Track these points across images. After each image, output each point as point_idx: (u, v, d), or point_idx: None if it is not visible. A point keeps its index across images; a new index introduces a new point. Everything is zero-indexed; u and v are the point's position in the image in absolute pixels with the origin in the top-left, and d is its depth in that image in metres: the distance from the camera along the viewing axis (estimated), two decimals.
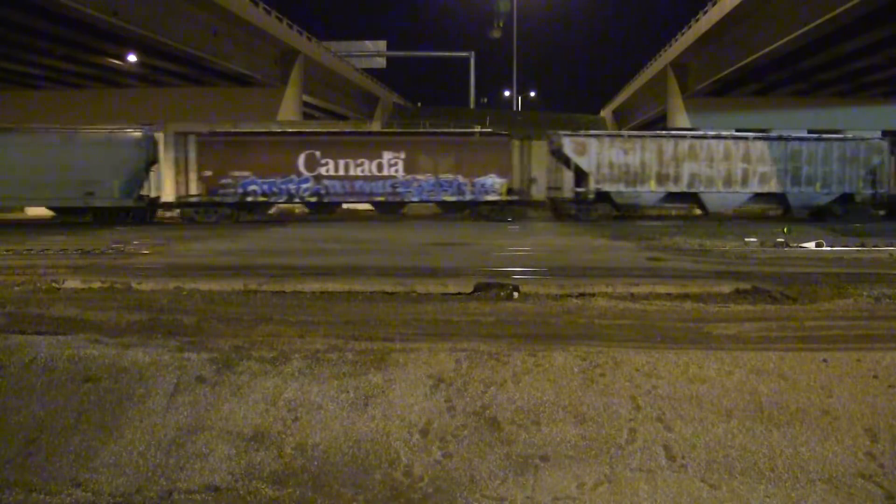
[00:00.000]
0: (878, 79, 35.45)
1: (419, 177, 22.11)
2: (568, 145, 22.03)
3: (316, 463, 4.23)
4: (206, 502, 4.00)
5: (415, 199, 22.42)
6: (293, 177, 21.89)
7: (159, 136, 22.61)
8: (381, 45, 62.53)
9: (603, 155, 22.00)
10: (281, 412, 4.60)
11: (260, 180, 21.79)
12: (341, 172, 21.94)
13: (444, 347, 5.23)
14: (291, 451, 4.32)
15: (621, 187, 22.09)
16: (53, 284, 8.21)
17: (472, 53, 63.60)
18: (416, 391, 4.72)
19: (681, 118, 39.73)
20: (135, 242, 14.05)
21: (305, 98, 38.75)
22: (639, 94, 50.33)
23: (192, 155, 21.56)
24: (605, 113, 63.15)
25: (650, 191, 22.25)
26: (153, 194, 22.23)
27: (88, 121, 25.63)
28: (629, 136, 23.37)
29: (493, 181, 22.19)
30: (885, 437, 4.29)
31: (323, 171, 21.90)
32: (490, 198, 22.26)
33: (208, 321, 6.33)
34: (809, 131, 24.27)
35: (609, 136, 23.31)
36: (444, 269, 9.67)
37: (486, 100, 73.54)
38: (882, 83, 36.56)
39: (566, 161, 22.49)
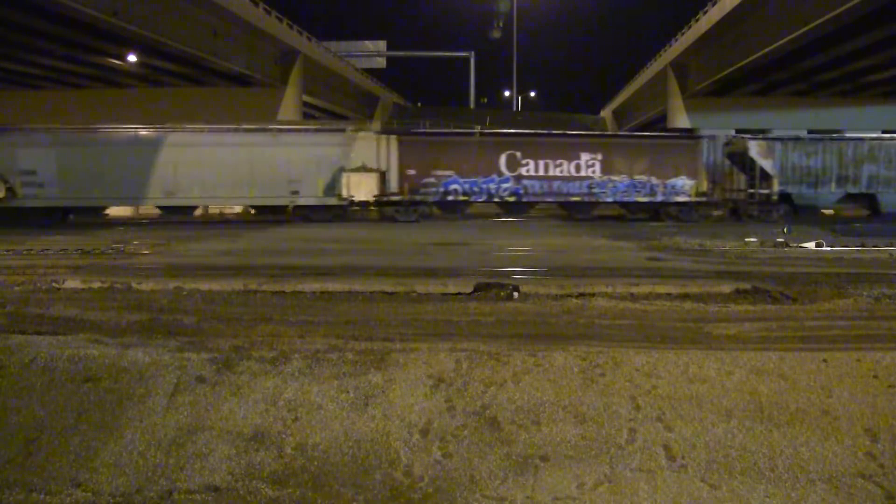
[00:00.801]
0: (878, 79, 35.44)
1: (615, 178, 22.79)
2: (754, 148, 22.53)
3: (316, 463, 4.23)
4: (206, 502, 4.00)
5: (609, 199, 23.05)
6: (494, 176, 22.55)
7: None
8: (381, 45, 62.55)
9: (787, 158, 22.62)
10: (281, 412, 4.60)
11: (461, 180, 22.43)
12: (541, 172, 22.60)
13: (444, 347, 5.23)
14: (291, 451, 4.32)
15: (803, 189, 22.79)
16: (53, 284, 8.21)
17: (472, 53, 63.69)
18: (416, 391, 4.72)
19: (681, 118, 39.74)
20: (135, 242, 14.06)
21: (305, 98, 38.75)
22: (639, 94, 50.32)
23: (394, 155, 22.07)
24: (605, 113, 63.14)
25: (830, 192, 22.97)
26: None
27: (88, 121, 25.59)
28: (811, 140, 23.89)
29: (684, 182, 22.84)
30: (885, 437, 4.29)
31: (523, 171, 22.55)
32: (680, 199, 22.86)
33: (208, 321, 6.33)
34: (810, 132, 24.32)
35: (792, 139, 23.82)
36: (444, 269, 9.67)
37: (486, 100, 73.62)
38: (882, 83, 36.54)
39: (743, 163, 22.82)
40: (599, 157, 22.59)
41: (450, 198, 22.40)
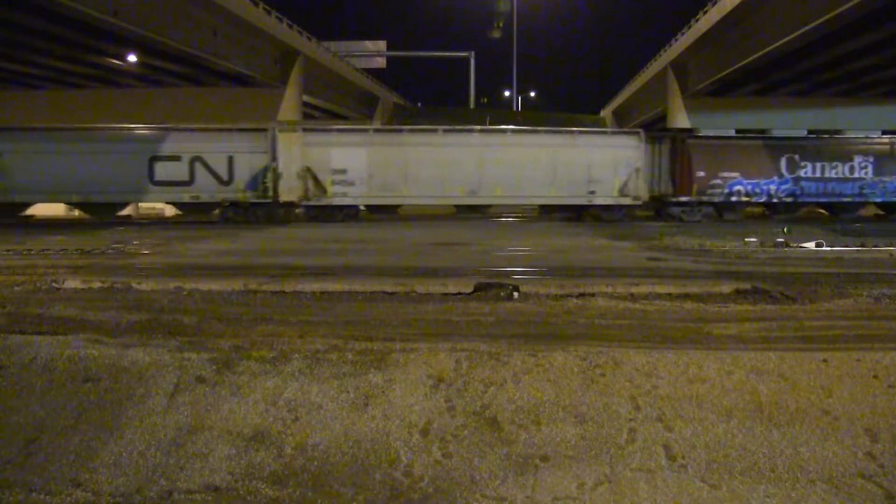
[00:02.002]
0: (878, 79, 35.44)
1: (885, 179, 23.51)
2: None
3: (316, 463, 4.23)
4: (206, 502, 4.00)
5: (878, 199, 23.81)
6: (774, 178, 23.34)
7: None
8: (381, 45, 62.54)
9: None
10: (281, 412, 4.60)
11: (745, 181, 23.16)
12: (817, 174, 23.39)
13: (444, 347, 5.23)
14: (291, 451, 4.32)
15: None
16: (53, 284, 8.21)
17: (472, 53, 63.61)
18: (416, 391, 4.72)
19: (681, 118, 39.72)
20: (135, 242, 14.06)
21: (305, 98, 38.76)
22: (639, 94, 50.33)
23: (666, 157, 23.07)
24: (605, 113, 63.15)
25: None
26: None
27: (89, 121, 25.62)
28: None
29: None
30: (885, 437, 4.29)
31: (801, 173, 23.33)
32: None
33: (208, 321, 6.33)
34: (810, 131, 24.34)
35: None
36: (444, 269, 9.67)
37: (486, 100, 73.51)
38: (882, 83, 36.55)
39: None
40: (871, 159, 23.43)
41: (733, 199, 23.20)
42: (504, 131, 24.21)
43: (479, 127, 24.53)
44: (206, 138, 22.02)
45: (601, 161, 22.47)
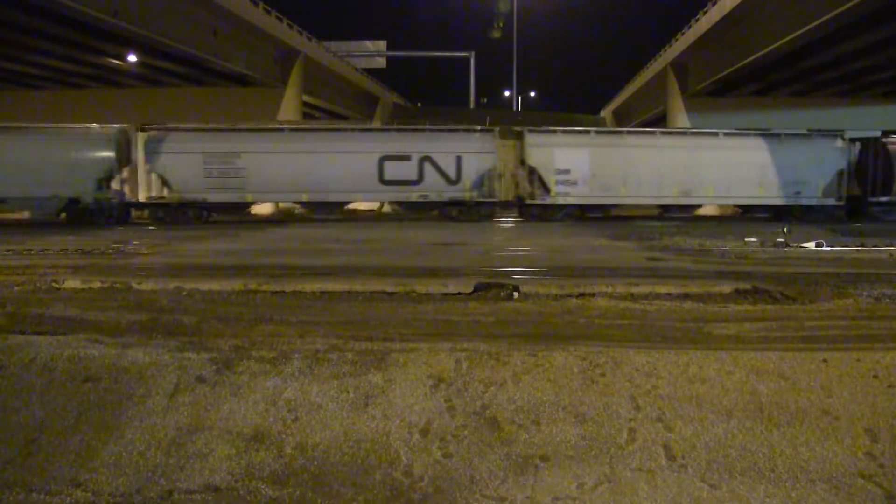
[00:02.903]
0: (878, 79, 35.40)
1: None
2: None
3: (316, 463, 4.23)
4: (206, 502, 4.00)
5: None
6: None
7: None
8: (381, 45, 62.46)
9: None
10: (281, 412, 4.60)
11: None
12: None
13: (444, 347, 5.23)
14: (291, 451, 4.32)
15: None
16: (53, 284, 8.20)
17: (472, 53, 63.58)
18: (416, 391, 4.72)
19: (681, 118, 39.68)
20: (135, 242, 14.05)
21: (305, 98, 38.73)
22: (639, 94, 50.30)
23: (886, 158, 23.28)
24: (606, 113, 63.12)
25: None
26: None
27: (88, 121, 25.58)
28: None
29: None
30: (885, 437, 4.29)
31: None
32: None
33: (208, 321, 6.33)
34: (809, 131, 24.37)
35: None
36: (444, 269, 9.67)
37: (486, 100, 73.51)
38: (882, 83, 36.51)
39: None
40: None
41: None
42: (716, 133, 24.34)
43: (692, 129, 25.61)
44: (435, 138, 22.62)
45: (806, 163, 23.02)
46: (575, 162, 22.45)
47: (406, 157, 22.04)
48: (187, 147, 22.01)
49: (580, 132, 24.26)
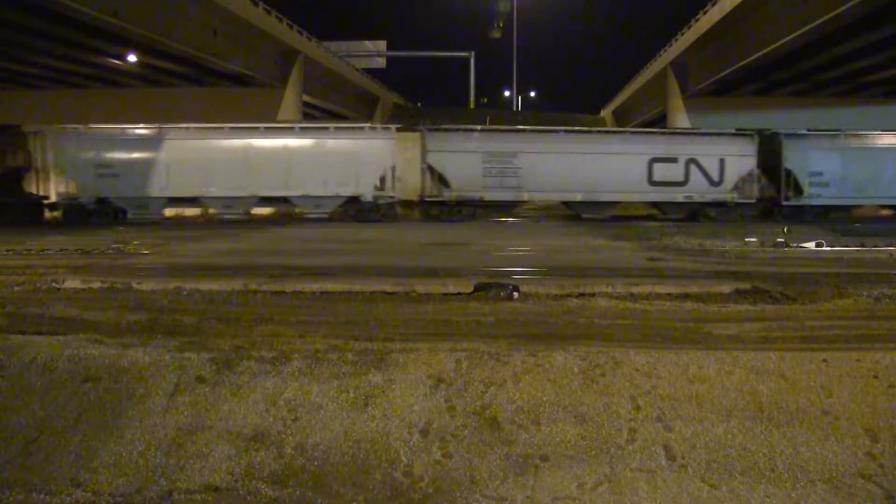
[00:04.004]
0: (878, 79, 35.44)
1: None
2: None
3: (316, 463, 4.23)
4: (206, 502, 4.00)
5: None
6: None
7: None
8: (381, 45, 62.49)
9: None
10: (281, 412, 4.60)
11: None
12: None
13: (444, 347, 5.23)
14: (291, 451, 4.32)
15: None
16: (53, 284, 8.21)
17: (472, 53, 63.60)
18: (416, 391, 4.72)
19: (681, 118, 39.75)
20: (135, 242, 14.05)
21: (305, 98, 38.78)
22: (639, 94, 50.35)
23: None
24: (605, 113, 63.18)
25: None
26: None
27: (89, 121, 25.60)
28: None
29: None
30: (885, 437, 4.29)
31: None
32: None
33: (208, 321, 6.33)
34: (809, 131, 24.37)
35: None
36: (444, 269, 9.67)
37: (486, 100, 73.48)
38: (882, 83, 36.55)
39: None
40: None
41: None
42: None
43: None
44: (700, 141, 23.18)
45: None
46: (827, 165, 22.87)
47: (673, 160, 22.51)
48: (467, 147, 22.36)
49: (830, 135, 24.19)
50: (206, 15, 27.86)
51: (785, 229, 15.64)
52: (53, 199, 21.63)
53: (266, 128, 22.83)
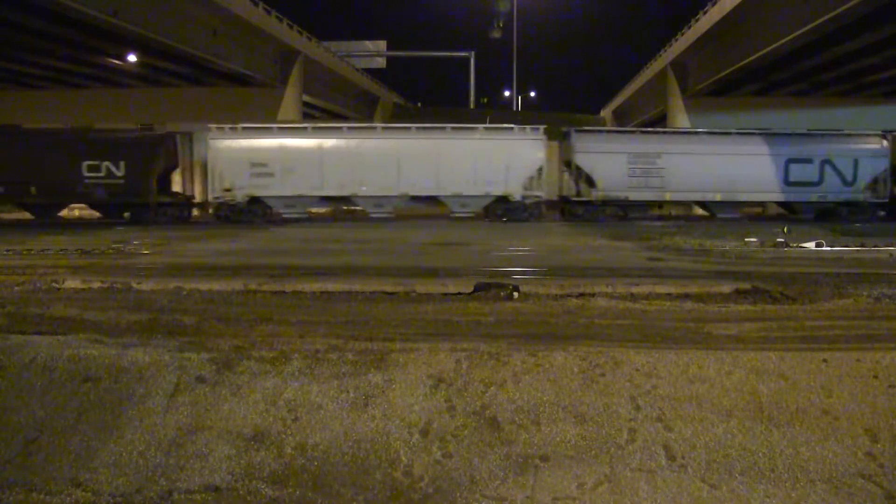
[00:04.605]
0: (878, 79, 35.40)
1: None
2: None
3: (316, 463, 4.23)
4: (206, 502, 4.00)
5: None
6: None
7: None
8: (381, 45, 62.45)
9: None
10: (281, 412, 4.60)
11: None
12: None
13: (444, 347, 5.23)
14: (291, 451, 4.32)
15: None
16: (53, 284, 8.21)
17: (472, 53, 63.59)
18: (416, 391, 4.72)
19: (681, 118, 39.70)
20: (134, 242, 14.05)
21: (305, 98, 38.75)
22: (639, 94, 50.31)
23: None
24: (605, 113, 63.13)
25: None
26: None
27: (89, 121, 25.61)
28: None
29: None
30: (885, 437, 4.29)
31: None
32: None
33: (208, 321, 6.33)
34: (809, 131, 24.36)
35: None
36: (444, 269, 9.67)
37: (486, 100, 73.45)
38: (882, 83, 36.51)
39: None
40: None
41: None
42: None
43: None
44: (834, 141, 23.28)
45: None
46: None
47: (809, 160, 22.66)
48: (614, 148, 22.69)
49: None
50: (206, 15, 27.84)
51: (785, 229, 15.64)
52: (200, 198, 21.98)
53: (417, 128, 23.11)
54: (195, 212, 22.60)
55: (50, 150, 20.98)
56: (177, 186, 22.16)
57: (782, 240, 13.67)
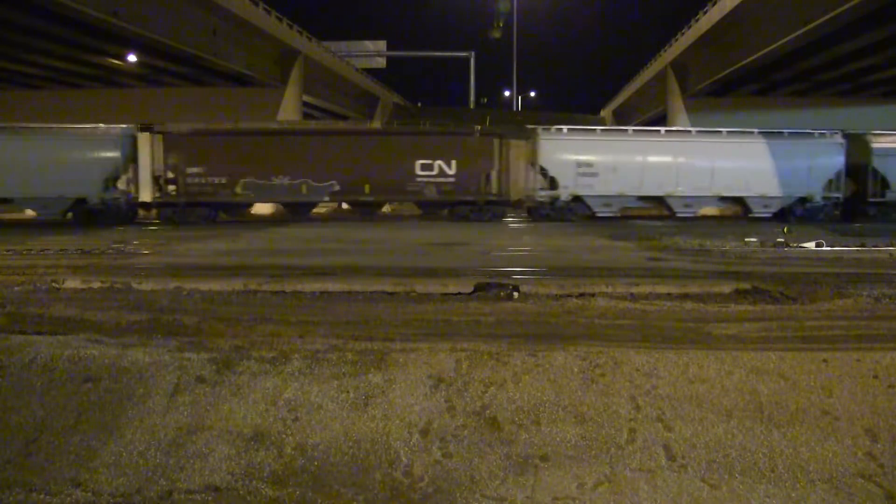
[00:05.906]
0: (878, 79, 35.42)
1: None
2: None
3: (316, 463, 4.23)
4: (206, 502, 4.00)
5: None
6: None
7: None
8: (381, 45, 62.46)
9: None
10: (281, 412, 4.60)
11: None
12: None
13: (444, 347, 5.23)
14: (291, 451, 4.32)
15: None
16: (53, 284, 8.21)
17: (472, 53, 63.62)
18: (416, 391, 4.72)
19: (681, 118, 39.68)
20: (134, 242, 14.05)
21: (305, 98, 38.74)
22: (639, 94, 50.33)
23: None
24: (606, 113, 63.13)
25: None
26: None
27: (89, 121, 25.60)
28: None
29: None
30: (885, 437, 4.29)
31: None
32: None
33: (208, 321, 6.33)
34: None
35: None
36: (444, 269, 9.67)
37: (486, 100, 73.54)
38: (882, 83, 36.53)
39: None
40: None
41: None
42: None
43: None
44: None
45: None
46: None
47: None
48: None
49: None
50: (206, 15, 27.84)
51: (785, 229, 15.64)
52: (515, 197, 22.77)
53: (728, 132, 23.68)
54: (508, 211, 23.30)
55: (385, 151, 22.08)
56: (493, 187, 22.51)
57: (782, 240, 13.67)
